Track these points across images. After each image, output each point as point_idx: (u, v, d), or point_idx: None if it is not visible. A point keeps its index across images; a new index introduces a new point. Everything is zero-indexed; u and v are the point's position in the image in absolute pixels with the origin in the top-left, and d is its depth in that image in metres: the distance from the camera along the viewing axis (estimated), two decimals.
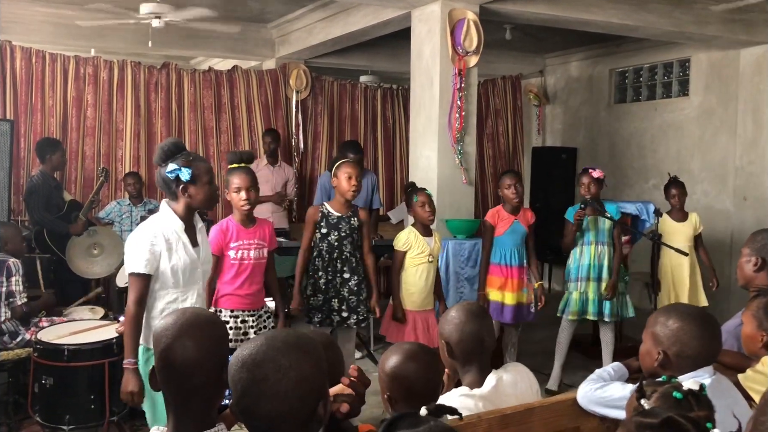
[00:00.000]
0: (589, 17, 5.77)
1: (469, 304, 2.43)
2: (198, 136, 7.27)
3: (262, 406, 1.38)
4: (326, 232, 4.12)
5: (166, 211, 2.90)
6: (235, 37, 7.35)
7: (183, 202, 2.88)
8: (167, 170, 2.81)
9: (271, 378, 1.37)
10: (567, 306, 4.99)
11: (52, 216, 5.46)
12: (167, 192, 2.90)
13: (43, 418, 3.78)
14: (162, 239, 2.83)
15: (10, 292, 4.20)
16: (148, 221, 2.91)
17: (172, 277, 2.84)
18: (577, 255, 4.97)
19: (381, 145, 8.30)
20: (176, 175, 2.80)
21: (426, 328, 4.31)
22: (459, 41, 5.21)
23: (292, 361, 1.40)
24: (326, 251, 4.12)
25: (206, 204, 2.96)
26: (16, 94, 6.46)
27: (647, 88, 8.12)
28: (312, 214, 4.16)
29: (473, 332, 2.25)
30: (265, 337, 1.47)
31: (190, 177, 2.80)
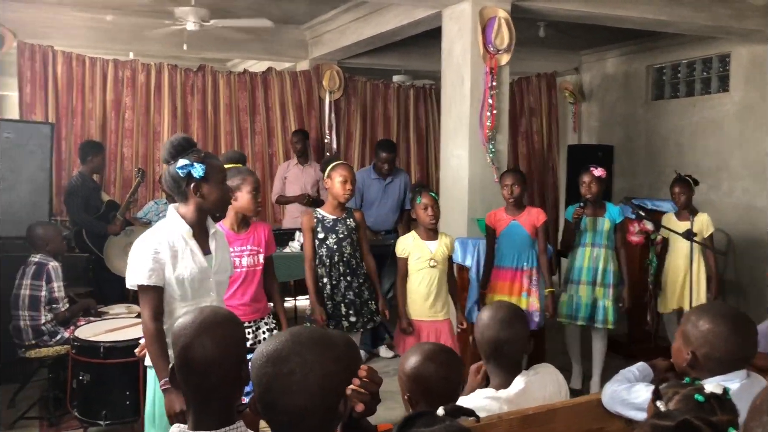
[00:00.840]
0: (623, 13, 5.68)
1: (501, 305, 2.41)
2: (233, 137, 7.37)
3: (285, 400, 1.39)
4: (323, 236, 4.05)
5: (173, 215, 2.67)
6: (269, 39, 7.42)
7: (193, 204, 2.64)
8: (178, 166, 2.56)
9: (297, 373, 1.38)
10: (562, 309, 4.78)
11: (91, 216, 5.60)
12: (176, 192, 2.66)
13: (80, 413, 3.89)
14: (167, 247, 2.58)
15: (53, 299, 4.32)
16: (153, 228, 2.67)
17: (178, 288, 2.60)
18: (576, 257, 4.77)
19: (414, 144, 8.30)
20: (188, 172, 2.57)
21: (436, 339, 4.01)
22: (490, 39, 5.18)
23: (317, 357, 1.41)
24: (326, 256, 4.06)
25: (219, 206, 2.74)
26: (57, 97, 6.64)
27: (685, 84, 7.96)
28: (307, 222, 4.07)
29: (500, 333, 2.23)
30: (290, 333, 1.48)
31: (203, 173, 2.57)
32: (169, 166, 2.59)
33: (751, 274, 6.83)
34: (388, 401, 4.66)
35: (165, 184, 2.69)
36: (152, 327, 2.54)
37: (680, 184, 5.21)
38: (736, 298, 6.92)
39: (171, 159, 2.59)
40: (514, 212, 4.60)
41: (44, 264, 4.32)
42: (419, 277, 4.11)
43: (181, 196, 2.64)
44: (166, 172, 2.63)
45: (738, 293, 6.91)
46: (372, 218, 5.90)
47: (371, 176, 6.04)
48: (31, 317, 4.28)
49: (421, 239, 4.14)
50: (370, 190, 6.01)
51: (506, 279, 4.57)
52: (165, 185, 2.69)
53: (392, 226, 6.14)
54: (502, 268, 4.61)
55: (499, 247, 4.63)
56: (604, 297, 4.70)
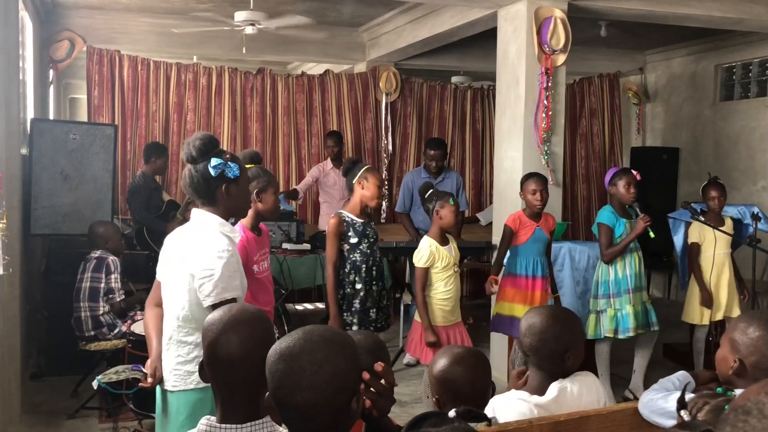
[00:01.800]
0: (687, 11, 5.49)
1: (548, 309, 2.35)
2: (291, 139, 7.49)
3: (296, 396, 1.41)
4: (356, 241, 3.88)
5: (216, 219, 2.44)
6: (327, 42, 7.51)
7: (223, 207, 2.45)
8: (212, 165, 2.38)
9: (308, 370, 1.41)
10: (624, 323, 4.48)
11: (152, 215, 5.78)
12: (203, 193, 2.44)
13: (135, 406, 4.01)
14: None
15: (110, 289, 4.49)
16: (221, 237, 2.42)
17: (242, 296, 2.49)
18: (619, 265, 4.51)
19: (469, 145, 8.24)
20: (221, 171, 2.40)
21: (459, 341, 3.97)
22: (545, 40, 5.09)
23: (328, 355, 1.43)
24: (361, 261, 3.89)
25: (244, 209, 2.62)
26: (123, 100, 6.89)
27: (756, 83, 7.64)
28: (336, 225, 3.87)
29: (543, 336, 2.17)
30: (302, 331, 1.50)
31: (238, 173, 2.44)
32: (196, 164, 2.41)
33: None
34: (406, 406, 4.64)
35: (188, 184, 2.45)
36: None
37: (717, 188, 4.96)
38: None
39: (199, 157, 2.41)
40: (536, 218, 4.46)
41: (104, 258, 4.50)
42: (448, 283, 3.98)
43: (208, 197, 2.44)
44: (191, 171, 2.42)
45: None
46: (424, 219, 5.87)
47: (421, 176, 6.01)
48: (90, 308, 4.45)
49: (440, 246, 3.99)
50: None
51: (537, 288, 4.40)
52: (189, 186, 2.45)
53: None
54: (528, 277, 4.42)
55: (524, 255, 4.43)
56: (648, 300, 4.67)
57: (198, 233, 2.44)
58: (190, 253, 2.41)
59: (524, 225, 4.42)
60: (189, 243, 2.44)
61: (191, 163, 2.43)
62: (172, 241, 2.58)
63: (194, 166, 2.42)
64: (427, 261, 3.94)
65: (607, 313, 4.54)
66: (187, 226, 2.54)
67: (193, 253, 2.39)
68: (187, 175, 2.45)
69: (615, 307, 4.52)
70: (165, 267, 2.57)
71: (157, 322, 2.57)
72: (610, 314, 4.53)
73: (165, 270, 2.57)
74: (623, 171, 4.62)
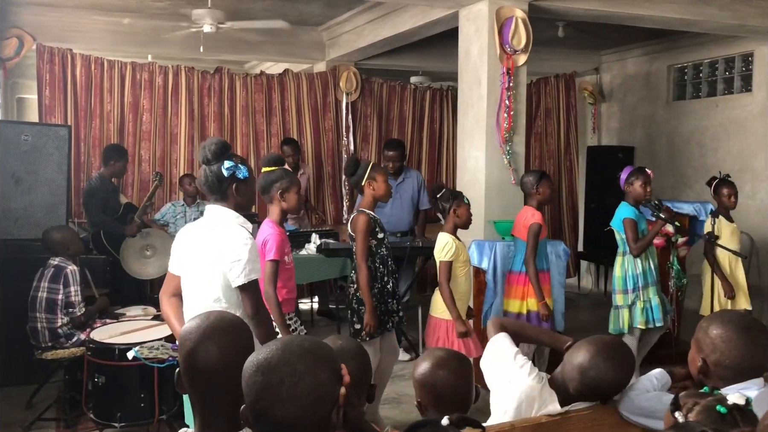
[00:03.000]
0: (644, 12, 5.60)
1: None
2: (249, 139, 7.39)
3: (275, 410, 1.37)
4: (382, 236, 4.01)
5: (232, 214, 2.82)
6: (286, 41, 7.42)
7: (233, 203, 2.83)
8: (225, 166, 2.75)
9: (287, 382, 1.36)
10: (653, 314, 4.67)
11: (109, 218, 5.63)
12: (215, 190, 2.81)
13: (96, 415, 3.90)
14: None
15: (70, 303, 4.34)
16: (241, 226, 2.80)
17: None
18: (643, 259, 4.67)
19: (426, 145, 8.28)
20: (232, 173, 2.76)
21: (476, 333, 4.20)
22: (507, 40, 5.12)
23: (308, 367, 1.39)
24: (387, 255, 4.04)
25: (250, 206, 3.03)
26: (76, 100, 6.68)
27: (707, 84, 7.84)
28: (365, 222, 3.91)
29: None
30: (280, 342, 1.46)
31: (247, 174, 2.80)
32: (210, 165, 2.77)
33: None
34: (405, 404, 4.67)
35: (203, 183, 2.83)
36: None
37: (729, 186, 5.16)
38: (760, 302, 6.79)
39: (213, 159, 2.76)
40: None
41: (63, 267, 4.34)
42: (467, 277, 4.21)
43: (220, 194, 2.81)
44: (206, 171, 2.79)
45: (762, 297, 6.78)
46: (386, 219, 5.85)
47: None
48: (47, 320, 4.30)
49: (459, 241, 4.18)
50: None
51: (548, 282, 4.66)
52: (203, 183, 2.83)
53: (407, 227, 6.06)
54: (545, 272, 4.67)
55: (543, 250, 4.66)
56: (662, 292, 4.84)
57: (220, 226, 2.80)
58: (218, 243, 2.76)
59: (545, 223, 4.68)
60: (213, 234, 2.80)
61: (206, 164, 2.79)
62: (188, 235, 2.92)
63: (209, 167, 2.78)
64: (452, 255, 4.09)
65: (637, 306, 4.69)
66: (203, 221, 2.89)
67: (222, 242, 2.75)
68: (202, 175, 2.84)
69: (643, 299, 4.68)
70: (184, 260, 2.88)
71: (177, 310, 2.89)
72: (640, 306, 4.69)
73: (185, 262, 2.88)
74: (639, 170, 4.82)
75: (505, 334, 2.22)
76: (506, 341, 2.18)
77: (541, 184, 4.60)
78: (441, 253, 4.11)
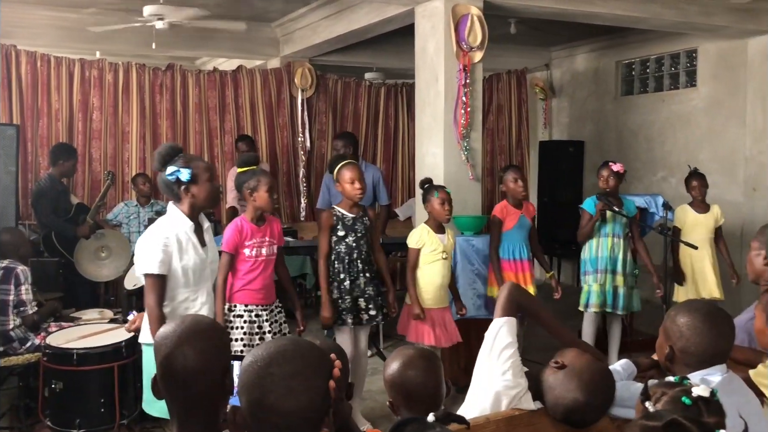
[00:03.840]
0: (594, 10, 5.72)
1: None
2: (203, 137, 7.29)
3: (277, 403, 1.38)
4: (343, 234, 4.12)
5: (175, 212, 3.01)
6: (240, 37, 7.34)
7: (187, 203, 3.00)
8: (167, 173, 2.92)
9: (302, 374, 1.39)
10: (589, 299, 4.97)
11: (60, 219, 5.48)
12: (171, 195, 3.02)
13: (53, 423, 3.80)
14: (174, 240, 2.96)
15: (21, 302, 4.21)
16: (159, 223, 3.02)
17: (183, 276, 2.99)
18: (594, 247, 4.97)
19: (381, 141, 8.31)
20: (176, 177, 2.92)
21: (443, 325, 4.30)
22: (463, 37, 5.17)
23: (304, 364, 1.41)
24: (345, 253, 4.13)
25: (210, 202, 3.08)
26: (22, 98, 6.48)
27: (654, 79, 8.06)
28: (327, 219, 4.15)
29: None
30: (273, 342, 1.48)
31: (190, 177, 2.93)
32: (161, 173, 2.95)
33: (722, 267, 6.93)
34: (367, 401, 4.68)
35: (161, 189, 3.08)
36: (158, 312, 2.90)
37: (698, 178, 5.49)
38: None
39: (161, 167, 2.95)
40: (519, 205, 4.82)
41: (12, 268, 4.21)
42: (433, 268, 4.26)
43: (176, 197, 3.00)
44: (160, 179, 3.01)
45: None
46: None
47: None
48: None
49: (433, 232, 4.30)
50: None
51: (520, 270, 4.77)
52: (161, 189, 3.08)
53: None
54: (516, 261, 4.78)
55: (510, 241, 4.77)
56: (625, 285, 4.95)
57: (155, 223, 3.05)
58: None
59: (510, 213, 4.79)
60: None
61: (159, 171, 2.98)
62: None
63: (160, 174, 2.98)
64: (417, 242, 4.27)
65: (583, 289, 5.03)
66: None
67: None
68: (158, 182, 3.08)
69: (588, 283, 4.98)
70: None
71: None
72: (585, 290, 5.01)
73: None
74: (600, 166, 5.06)
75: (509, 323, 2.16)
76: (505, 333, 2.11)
77: (504, 177, 4.83)
78: (409, 240, 4.34)
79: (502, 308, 2.19)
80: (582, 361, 2.02)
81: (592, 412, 2.00)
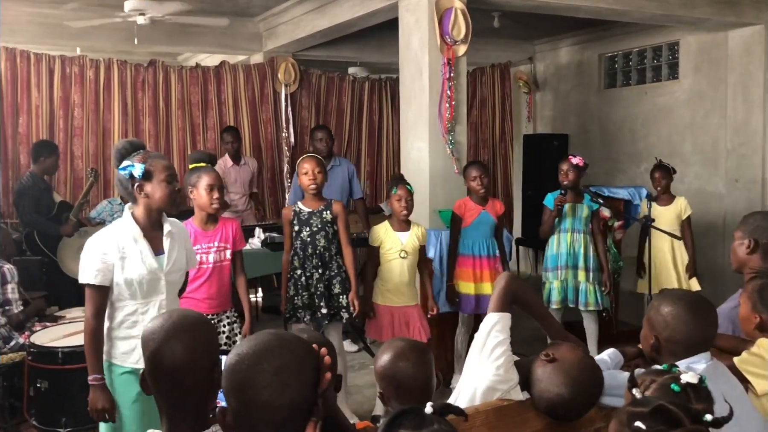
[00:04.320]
0: (577, 3, 5.74)
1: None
2: (186, 133, 7.25)
3: (261, 398, 1.38)
4: (298, 229, 4.11)
5: (126, 216, 2.71)
6: (222, 32, 7.29)
7: (142, 204, 2.69)
8: (120, 167, 2.66)
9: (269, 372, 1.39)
10: (550, 296, 4.92)
11: (43, 218, 5.43)
12: (126, 195, 2.74)
13: (39, 422, 3.76)
14: (115, 249, 2.63)
15: (6, 300, 4.17)
16: (104, 229, 2.74)
17: (127, 288, 2.65)
18: (554, 243, 4.94)
19: (365, 136, 8.30)
20: (129, 173, 2.63)
21: (405, 324, 4.23)
22: (447, 30, 5.17)
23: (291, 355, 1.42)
24: (300, 248, 4.11)
25: (166, 203, 2.72)
26: (1, 95, 6.40)
27: (637, 72, 8.11)
28: (286, 215, 4.17)
29: None
30: (257, 336, 1.47)
31: (143, 173, 2.62)
32: (118, 170, 2.69)
33: (704, 258, 7.00)
34: (355, 395, 4.67)
35: (118, 190, 2.83)
36: (93, 324, 2.64)
37: (661, 170, 5.49)
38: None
39: (118, 163, 2.69)
40: (482, 202, 4.73)
41: None
42: (390, 267, 4.23)
43: (131, 197, 2.71)
44: (116, 178, 2.73)
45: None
46: None
47: None
48: None
49: (393, 230, 4.24)
50: None
51: (479, 267, 4.70)
52: (118, 191, 2.80)
53: None
54: (475, 257, 4.71)
55: (469, 236, 4.71)
56: (586, 280, 4.87)
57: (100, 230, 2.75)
58: None
59: (469, 209, 4.71)
60: None
61: (117, 168, 2.69)
62: None
63: (118, 172, 2.69)
64: (374, 240, 4.26)
65: (545, 285, 4.97)
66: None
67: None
68: (116, 182, 2.77)
69: (550, 280, 4.94)
70: None
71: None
72: (546, 287, 4.95)
73: None
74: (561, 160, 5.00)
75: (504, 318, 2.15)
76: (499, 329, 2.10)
77: (465, 174, 4.79)
78: (370, 237, 4.34)
79: (498, 302, 2.18)
80: (573, 356, 2.03)
81: (575, 408, 2.02)
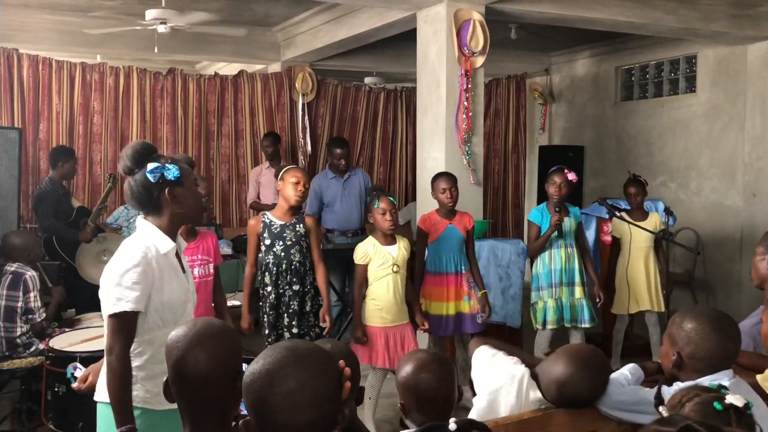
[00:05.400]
0: (594, 15, 5.74)
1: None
2: (201, 141, 7.31)
3: (283, 415, 1.36)
4: (270, 243, 3.85)
5: (150, 229, 2.29)
6: (241, 41, 7.35)
7: (168, 214, 2.30)
8: (149, 170, 2.22)
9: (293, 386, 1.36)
10: (545, 315, 4.66)
11: (61, 223, 5.48)
12: (147, 203, 2.30)
13: (56, 426, 3.77)
14: (154, 266, 2.24)
15: (29, 309, 4.21)
16: (132, 246, 2.26)
17: (164, 313, 2.26)
18: (547, 260, 4.67)
19: (378, 145, 8.33)
20: (160, 175, 2.24)
21: (401, 343, 4.01)
22: (465, 42, 5.20)
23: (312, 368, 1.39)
24: (273, 264, 3.85)
25: (195, 211, 2.42)
26: (23, 101, 6.50)
27: (654, 85, 8.09)
28: (253, 226, 3.88)
29: None
30: (276, 348, 1.45)
31: (178, 175, 2.27)
32: (134, 175, 2.27)
33: (721, 273, 6.96)
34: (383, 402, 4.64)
35: (132, 197, 2.30)
36: (125, 363, 2.16)
37: (636, 185, 5.28)
38: (706, 296, 7.05)
39: (135, 167, 2.26)
40: (449, 216, 4.46)
41: (21, 274, 4.21)
42: (384, 283, 3.99)
43: (154, 205, 2.29)
44: (131, 183, 2.28)
45: (708, 291, 7.04)
46: (336, 219, 5.84)
47: (328, 177, 5.95)
48: (6, 329, 4.16)
49: (381, 245, 4.02)
50: (329, 191, 5.87)
51: (449, 284, 4.40)
52: (132, 198, 2.30)
53: (358, 225, 5.95)
54: (444, 274, 4.41)
55: (437, 252, 4.42)
56: (583, 296, 4.70)
57: (123, 244, 2.30)
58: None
59: (435, 224, 4.43)
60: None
61: (128, 174, 2.29)
62: None
63: (132, 177, 2.28)
64: (362, 258, 4.01)
65: (538, 305, 4.71)
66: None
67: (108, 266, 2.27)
68: (127, 189, 2.30)
69: (544, 299, 4.68)
70: None
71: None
72: (540, 306, 4.70)
73: None
74: (553, 170, 4.76)
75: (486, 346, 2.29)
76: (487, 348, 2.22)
77: (433, 185, 4.51)
78: (355, 255, 4.06)
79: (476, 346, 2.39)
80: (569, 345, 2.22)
81: (584, 384, 2.08)
